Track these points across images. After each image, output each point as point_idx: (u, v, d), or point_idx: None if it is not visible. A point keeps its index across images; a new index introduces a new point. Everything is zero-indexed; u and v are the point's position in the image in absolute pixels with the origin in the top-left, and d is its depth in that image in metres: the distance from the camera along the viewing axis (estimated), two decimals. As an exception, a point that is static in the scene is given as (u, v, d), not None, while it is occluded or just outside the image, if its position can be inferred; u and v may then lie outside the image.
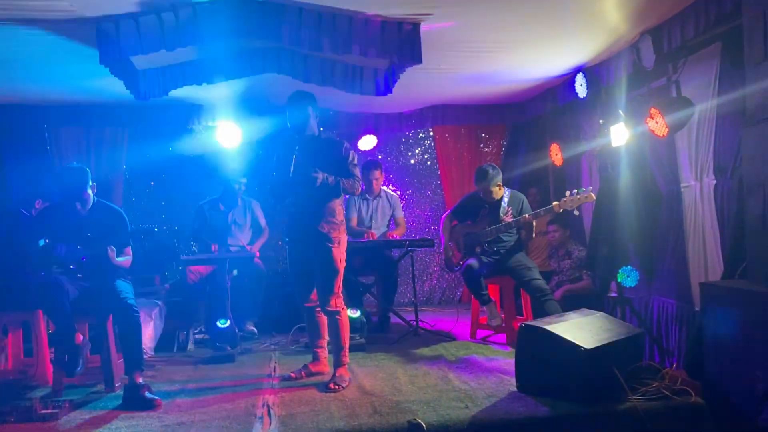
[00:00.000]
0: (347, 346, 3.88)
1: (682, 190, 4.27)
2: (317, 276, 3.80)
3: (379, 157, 7.02)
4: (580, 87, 4.91)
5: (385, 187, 5.91)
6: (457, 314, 5.29)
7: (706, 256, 4.04)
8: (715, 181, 3.92)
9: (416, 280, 6.97)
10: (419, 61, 3.70)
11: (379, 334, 5.28)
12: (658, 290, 4.59)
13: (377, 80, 4.53)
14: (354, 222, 5.66)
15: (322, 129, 3.97)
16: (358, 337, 4.73)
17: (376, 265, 5.52)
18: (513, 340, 4.68)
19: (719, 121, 3.87)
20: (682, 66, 4.05)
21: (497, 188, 4.88)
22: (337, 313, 3.80)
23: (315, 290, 3.86)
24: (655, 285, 4.63)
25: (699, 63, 4.00)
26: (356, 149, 6.63)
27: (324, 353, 4.07)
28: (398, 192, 7.06)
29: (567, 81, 5.18)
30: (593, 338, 3.38)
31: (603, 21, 3.88)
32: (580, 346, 3.25)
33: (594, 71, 4.81)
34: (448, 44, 4.15)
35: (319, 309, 3.90)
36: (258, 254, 5.31)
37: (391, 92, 4.51)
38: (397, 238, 5.53)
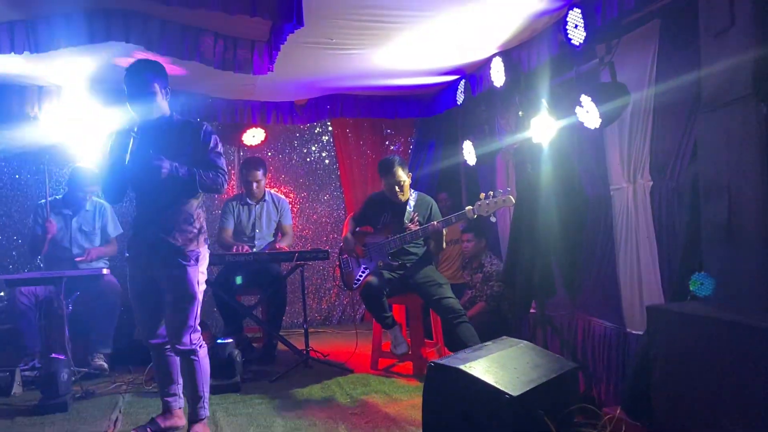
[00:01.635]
0: (207, 394, 2.98)
1: (612, 193, 3.69)
2: (166, 304, 2.88)
3: (269, 154, 6.12)
4: (497, 74, 4.25)
5: (271, 190, 5.04)
6: (356, 338, 4.49)
7: (640, 271, 3.47)
8: (651, 183, 3.33)
9: (312, 297, 6.17)
10: (300, 22, 2.87)
11: (261, 367, 4.39)
12: (584, 308, 4.01)
13: (255, 54, 3.66)
14: (228, 233, 4.74)
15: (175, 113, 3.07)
16: (233, 374, 3.83)
17: (260, 282, 4.64)
18: (421, 370, 4.01)
19: (657, 112, 3.29)
20: (616, 46, 3.44)
21: (405, 183, 4.14)
22: (193, 352, 2.91)
23: (163, 322, 2.94)
24: (580, 302, 4.04)
25: (634, 44, 3.41)
26: (241, 144, 5.71)
27: (178, 403, 3.14)
28: (292, 194, 6.18)
29: (482, 67, 4.51)
30: (520, 380, 2.67)
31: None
32: (504, 393, 2.53)
33: (512, 54, 4.15)
34: (341, 10, 3.34)
35: (169, 347, 2.98)
36: (106, 270, 4.26)
37: (272, 69, 3.66)
38: (285, 249, 4.66)
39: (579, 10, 3.32)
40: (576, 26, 3.35)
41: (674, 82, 3.08)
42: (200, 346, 2.94)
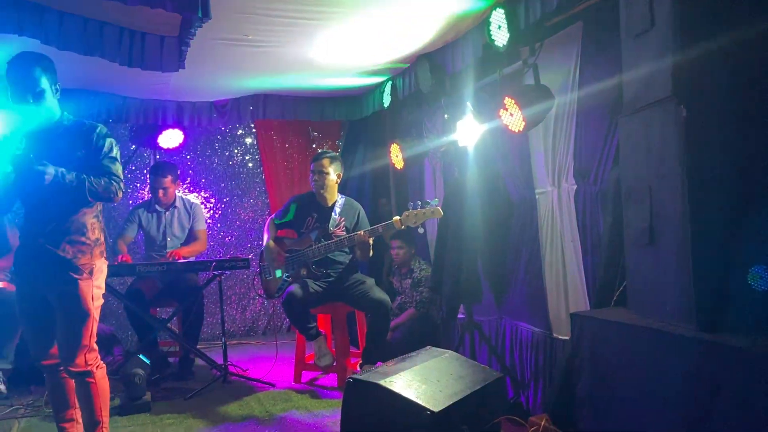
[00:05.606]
0: (106, 418, 2.72)
1: (537, 196, 3.64)
2: (57, 322, 2.61)
3: (188, 157, 5.82)
4: (423, 76, 4.14)
5: (183, 194, 4.76)
6: (276, 350, 4.28)
7: (565, 275, 3.43)
8: (575, 187, 3.30)
9: (235, 307, 5.91)
10: (206, 14, 2.65)
11: (177, 383, 4.13)
12: (510, 312, 3.95)
13: (164, 50, 3.41)
14: (125, 240, 4.48)
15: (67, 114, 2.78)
16: (142, 393, 3.56)
17: (175, 293, 4.37)
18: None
19: (580, 115, 3.26)
20: (539, 48, 3.39)
21: (327, 178, 3.99)
22: (88, 374, 2.64)
23: (55, 342, 2.67)
24: (507, 306, 3.98)
25: (558, 47, 3.37)
26: (157, 147, 5.39)
27: (76, 429, 2.84)
28: (213, 199, 5.91)
29: (408, 69, 4.40)
30: (442, 393, 2.55)
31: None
32: (425, 408, 2.40)
33: (437, 56, 4.05)
34: (252, 3, 3.13)
35: (62, 368, 2.70)
36: (2, 284, 3.90)
37: (182, 66, 3.42)
38: (177, 255, 4.37)
39: (502, 11, 3.24)
40: (499, 27, 3.27)
41: (597, 85, 3.05)
42: (97, 367, 2.67)
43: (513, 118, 3.24)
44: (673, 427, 2.09)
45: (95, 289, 2.66)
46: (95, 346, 2.68)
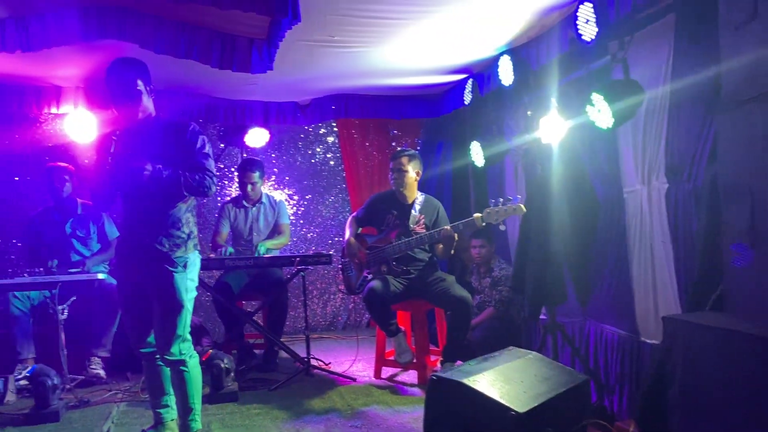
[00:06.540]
0: (198, 406, 2.85)
1: (625, 196, 3.51)
2: (154, 312, 2.76)
3: (273, 155, 5.99)
4: (505, 72, 4.09)
5: (268, 191, 4.92)
6: (357, 345, 4.34)
7: (655, 277, 3.29)
8: (667, 186, 3.15)
9: (316, 302, 6.03)
10: (297, 17, 2.73)
11: (262, 374, 4.26)
12: (595, 315, 3.84)
13: (254, 52, 3.52)
14: (222, 238, 4.63)
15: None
16: (230, 383, 3.71)
17: (261, 287, 4.51)
18: (426, 379, 3.86)
19: (672, 111, 3.12)
20: (629, 42, 3.28)
21: (407, 176, 3.99)
22: (182, 363, 2.78)
23: (152, 331, 2.82)
24: (592, 309, 3.87)
25: (648, 41, 3.25)
26: (244, 146, 5.58)
27: (170, 414, 3.00)
28: (296, 197, 6.05)
29: (490, 66, 4.35)
30: (527, 394, 2.52)
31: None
32: (510, 409, 2.37)
33: (521, 52, 3.99)
34: (340, 5, 3.19)
35: (159, 357, 2.85)
36: (101, 276, 4.13)
37: (271, 67, 3.53)
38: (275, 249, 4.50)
39: (590, 5, 3.15)
40: (587, 21, 3.18)
41: (691, 78, 2.91)
42: (190, 356, 2.81)
43: (600, 114, 3.15)
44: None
45: (189, 281, 2.79)
46: (189, 337, 2.81)
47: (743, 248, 1.86)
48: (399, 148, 4.21)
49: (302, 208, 6.13)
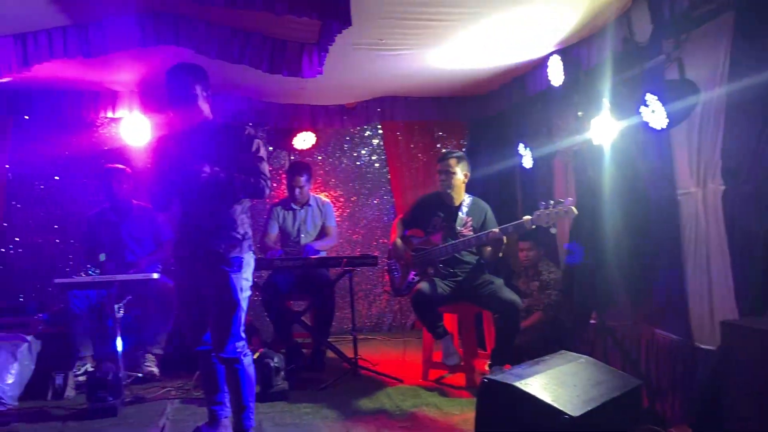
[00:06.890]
0: (252, 404, 2.91)
1: (680, 198, 3.43)
2: (210, 310, 2.83)
3: (319, 158, 6.05)
4: (555, 72, 4.05)
5: (315, 194, 4.98)
6: (404, 347, 4.36)
7: (711, 281, 3.21)
8: (723, 188, 3.08)
9: (362, 303, 6.06)
10: (348, 21, 2.77)
11: (310, 374, 4.31)
12: (648, 319, 3.77)
13: (304, 57, 3.58)
14: (271, 239, 4.70)
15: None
16: (280, 381, 3.77)
17: (309, 288, 4.57)
18: (473, 382, 3.87)
19: (730, 111, 3.05)
20: (685, 41, 3.21)
21: (455, 178, 3.99)
22: (236, 361, 2.84)
23: (209, 329, 2.89)
24: (643, 312, 3.80)
25: (704, 39, 3.17)
26: (292, 149, 5.67)
27: (224, 412, 3.06)
28: (342, 199, 6.11)
29: (538, 66, 4.32)
30: (580, 398, 2.49)
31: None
32: (563, 413, 2.36)
33: (571, 52, 3.95)
34: (390, 8, 3.22)
35: (214, 354, 2.92)
36: (156, 275, 4.24)
37: (321, 71, 3.58)
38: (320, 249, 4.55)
39: (645, 3, 3.12)
40: (642, 19, 3.14)
41: (750, 78, 2.84)
42: (244, 355, 2.87)
43: (654, 114, 3.10)
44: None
45: (243, 281, 2.85)
46: (243, 335, 2.87)
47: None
48: (445, 150, 4.21)
49: (348, 210, 6.18)
